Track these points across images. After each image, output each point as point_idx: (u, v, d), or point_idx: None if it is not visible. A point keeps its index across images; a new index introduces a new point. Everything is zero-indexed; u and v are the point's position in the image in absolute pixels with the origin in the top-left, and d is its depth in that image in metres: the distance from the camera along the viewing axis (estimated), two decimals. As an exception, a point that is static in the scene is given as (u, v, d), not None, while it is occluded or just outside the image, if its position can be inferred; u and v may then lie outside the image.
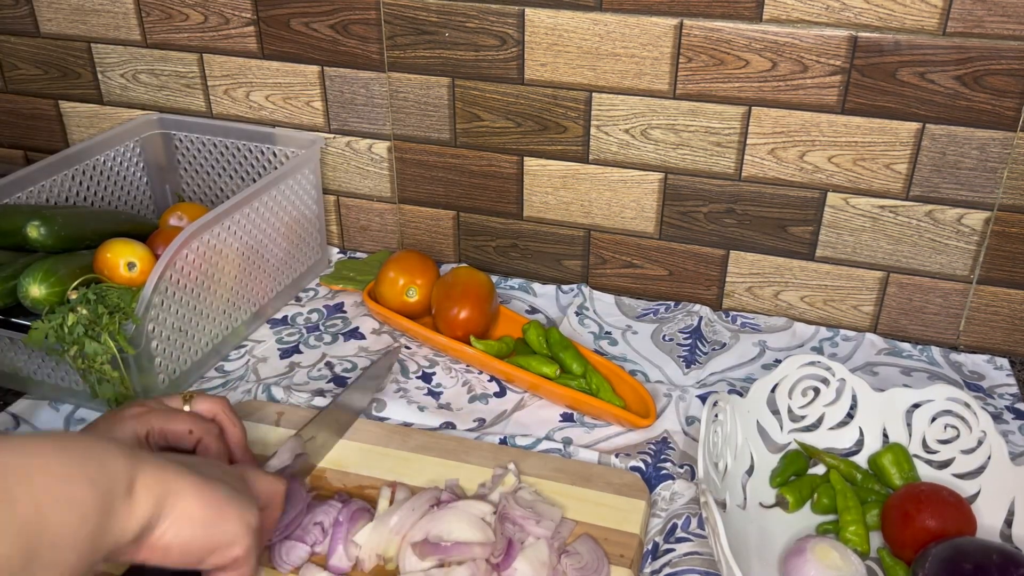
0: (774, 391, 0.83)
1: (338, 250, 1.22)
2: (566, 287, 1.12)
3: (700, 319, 1.05)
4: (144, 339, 0.85)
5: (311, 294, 1.11)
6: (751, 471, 0.80)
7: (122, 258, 0.92)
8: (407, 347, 1.00)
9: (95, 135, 1.21)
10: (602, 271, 1.12)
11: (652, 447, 0.84)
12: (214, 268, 0.94)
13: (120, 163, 1.14)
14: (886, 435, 0.82)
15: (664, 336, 1.03)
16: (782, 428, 0.83)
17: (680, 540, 0.73)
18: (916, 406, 0.80)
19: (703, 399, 0.92)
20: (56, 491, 0.47)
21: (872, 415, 0.82)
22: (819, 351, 1.00)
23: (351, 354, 0.99)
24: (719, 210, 1.03)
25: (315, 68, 1.10)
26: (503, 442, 0.85)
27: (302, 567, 0.70)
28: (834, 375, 0.82)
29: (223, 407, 0.74)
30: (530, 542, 0.70)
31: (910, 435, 0.81)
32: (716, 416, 0.75)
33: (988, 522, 0.75)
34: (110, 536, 0.49)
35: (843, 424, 0.83)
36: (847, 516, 0.74)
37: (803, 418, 0.83)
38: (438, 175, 1.13)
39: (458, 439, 0.84)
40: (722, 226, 1.04)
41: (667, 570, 0.71)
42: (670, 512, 0.76)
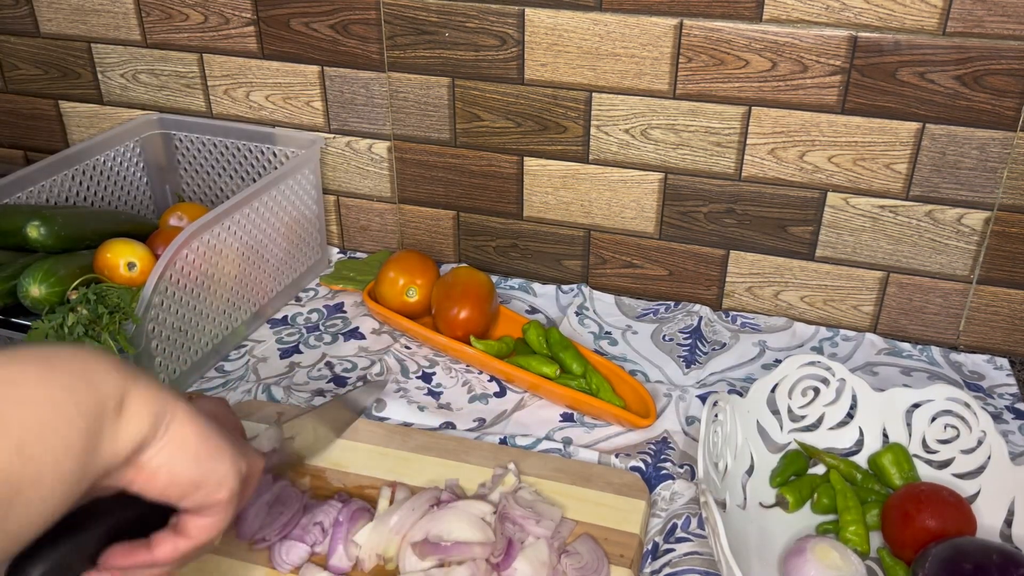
0: (774, 391, 0.83)
1: (338, 250, 1.22)
2: (566, 287, 1.12)
3: (700, 319, 1.05)
4: (144, 339, 0.85)
5: (311, 294, 1.11)
6: (751, 471, 0.80)
7: (122, 258, 0.92)
8: (407, 347, 1.00)
9: (95, 135, 1.21)
10: (602, 271, 1.12)
11: (652, 447, 0.84)
12: (214, 268, 0.94)
13: (120, 163, 1.14)
14: (886, 435, 0.82)
15: (664, 336, 1.03)
16: (782, 428, 0.83)
17: (680, 540, 0.73)
18: (916, 406, 0.80)
19: (703, 399, 0.92)
20: (40, 422, 0.43)
21: (872, 415, 0.82)
22: (819, 351, 1.00)
23: (351, 354, 0.99)
24: (719, 210, 1.03)
25: (315, 68, 1.11)
26: (503, 442, 0.85)
27: (302, 567, 0.70)
28: (834, 375, 0.82)
29: (223, 409, 0.73)
30: (530, 542, 0.70)
31: (910, 435, 0.81)
32: (716, 416, 0.75)
33: (988, 522, 0.75)
34: (99, 460, 0.46)
35: (843, 424, 0.83)
36: (847, 516, 0.74)
37: (803, 418, 0.83)
38: (438, 175, 1.13)
39: (458, 439, 0.84)
40: (722, 226, 1.04)
41: (667, 570, 0.71)
42: (670, 512, 0.76)
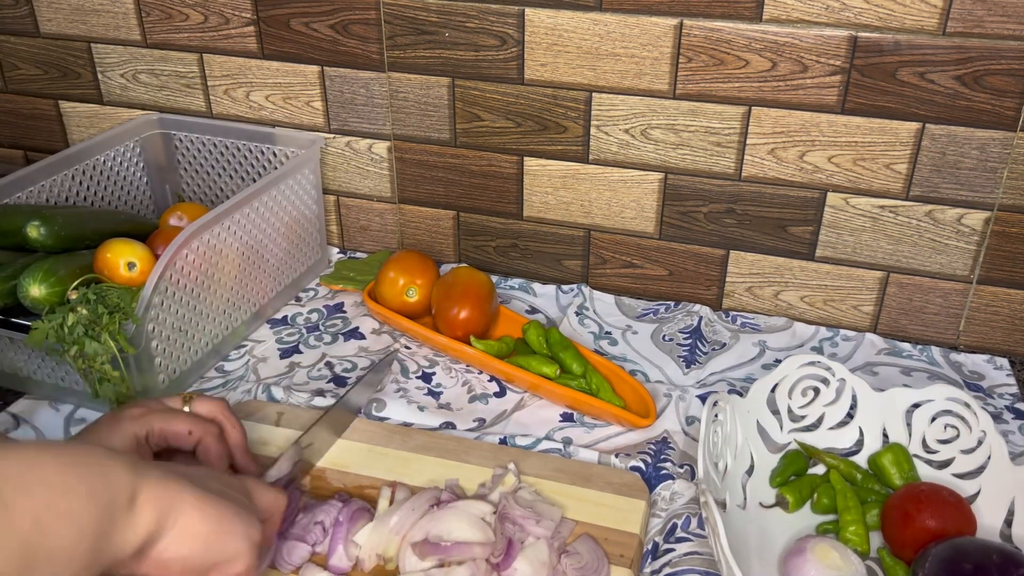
0: (774, 391, 0.83)
1: (338, 250, 1.22)
2: (566, 287, 1.12)
3: (700, 319, 1.05)
4: (144, 339, 0.85)
5: (311, 294, 1.11)
6: (751, 471, 0.80)
7: (122, 258, 0.92)
8: (407, 347, 1.00)
9: (95, 135, 1.21)
10: (602, 271, 1.12)
11: (652, 447, 0.84)
12: (214, 268, 0.94)
13: (120, 163, 1.14)
14: (886, 435, 0.82)
15: (664, 336, 1.03)
16: (782, 428, 0.83)
17: (680, 540, 0.73)
18: (916, 406, 0.80)
19: (703, 399, 0.92)
20: (55, 504, 0.46)
21: (872, 415, 0.82)
22: (819, 351, 1.00)
23: (351, 354, 0.99)
24: (719, 210, 1.03)
25: (315, 68, 1.11)
26: (503, 442, 0.85)
27: (302, 567, 0.70)
28: (834, 375, 0.82)
29: (222, 409, 0.73)
30: (530, 542, 0.70)
31: (910, 435, 0.81)
32: (716, 416, 0.75)
33: (988, 522, 0.75)
34: (109, 550, 0.49)
35: (843, 424, 0.83)
36: (847, 516, 0.74)
37: (803, 418, 0.83)
38: (438, 175, 1.13)
39: (458, 439, 0.84)
40: (722, 226, 1.04)
41: (667, 570, 0.71)
42: (670, 512, 0.76)
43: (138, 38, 1.17)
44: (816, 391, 0.83)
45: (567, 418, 0.90)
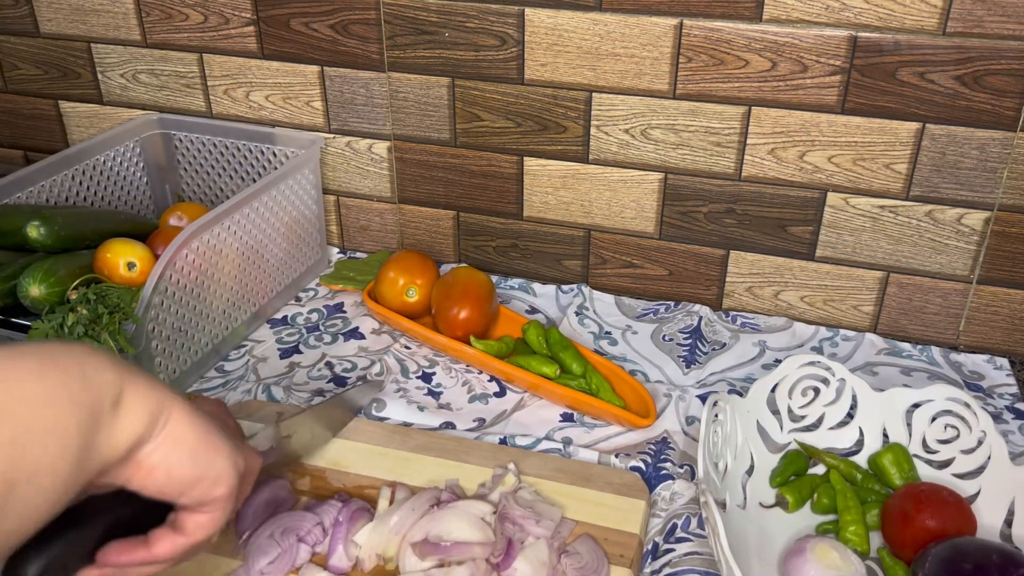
0: (774, 391, 0.83)
1: (338, 250, 1.22)
2: (566, 287, 1.12)
3: (700, 319, 1.05)
4: (144, 339, 0.85)
5: (311, 294, 1.11)
6: (751, 471, 0.80)
7: (122, 258, 0.92)
8: (407, 347, 1.00)
9: (95, 135, 1.21)
10: (602, 271, 1.12)
11: (652, 447, 0.84)
12: (214, 268, 0.94)
13: (120, 163, 1.14)
14: (886, 435, 0.82)
15: (664, 336, 1.03)
16: (782, 428, 0.83)
17: (680, 540, 0.73)
18: (916, 406, 0.80)
19: (703, 399, 0.92)
20: (35, 419, 0.43)
21: (872, 415, 0.82)
22: (819, 351, 1.00)
23: (351, 354, 0.99)
24: (719, 210, 1.03)
25: (315, 68, 1.11)
26: (503, 442, 0.85)
27: (302, 567, 0.70)
28: (834, 375, 0.82)
29: (221, 410, 0.73)
30: (530, 542, 0.70)
31: (910, 435, 0.81)
32: (716, 416, 0.75)
33: (988, 522, 0.75)
34: (95, 456, 0.46)
35: (843, 424, 0.83)
36: (847, 516, 0.74)
37: (803, 418, 0.83)
38: (438, 175, 1.13)
39: (458, 439, 0.84)
40: (722, 226, 1.04)
41: (667, 570, 0.71)
42: (670, 512, 0.76)
43: (138, 38, 1.17)
44: (816, 391, 0.83)
45: (567, 418, 0.90)
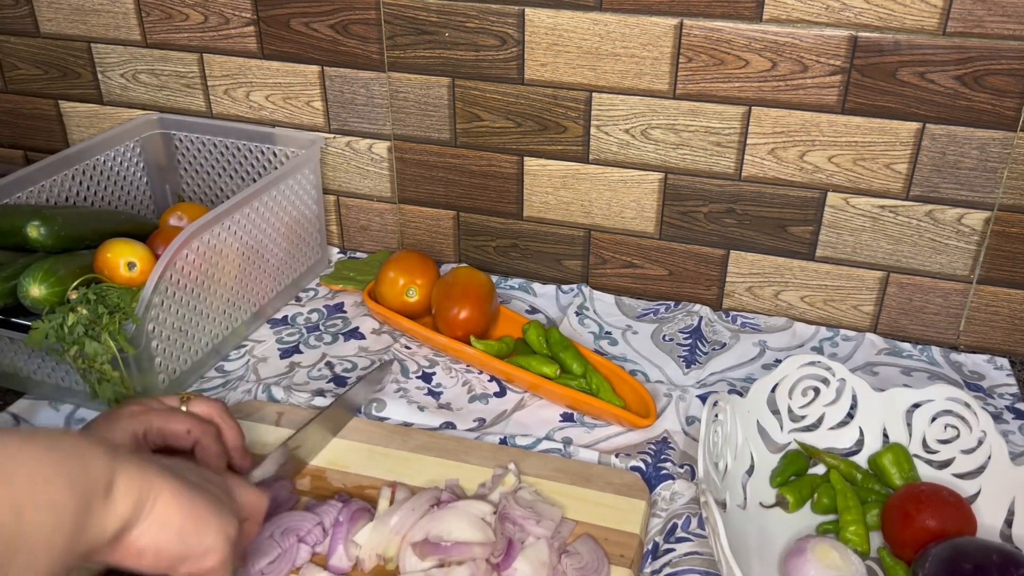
0: (774, 391, 0.83)
1: (338, 250, 1.22)
2: (566, 287, 1.12)
3: (700, 319, 1.05)
4: (144, 339, 0.85)
5: (311, 294, 1.11)
6: (751, 471, 0.80)
7: (122, 258, 0.92)
8: (407, 347, 1.00)
9: (95, 135, 1.21)
10: (602, 271, 1.12)
11: (652, 447, 0.84)
12: (214, 268, 0.94)
13: (120, 163, 1.14)
14: (886, 435, 0.82)
15: (664, 336, 1.03)
16: (782, 428, 0.83)
17: (680, 540, 0.73)
18: (916, 406, 0.80)
19: (703, 399, 0.92)
20: (36, 493, 0.46)
21: (872, 415, 0.82)
22: (819, 351, 1.00)
23: (351, 354, 0.99)
24: (719, 210, 1.03)
25: (315, 68, 1.11)
26: (503, 442, 0.85)
27: (302, 567, 0.70)
28: (834, 375, 0.82)
29: (219, 410, 0.73)
30: (530, 542, 0.70)
31: (910, 435, 0.81)
32: (716, 416, 0.75)
33: (988, 522, 0.75)
34: (87, 537, 0.49)
35: (843, 424, 0.83)
36: (847, 516, 0.74)
37: (803, 418, 0.83)
38: (438, 175, 1.13)
39: (458, 439, 0.84)
40: (722, 226, 1.04)
41: (667, 570, 0.71)
42: (670, 512, 0.76)
43: (138, 38, 1.17)
44: (816, 391, 0.83)
45: (567, 418, 0.90)
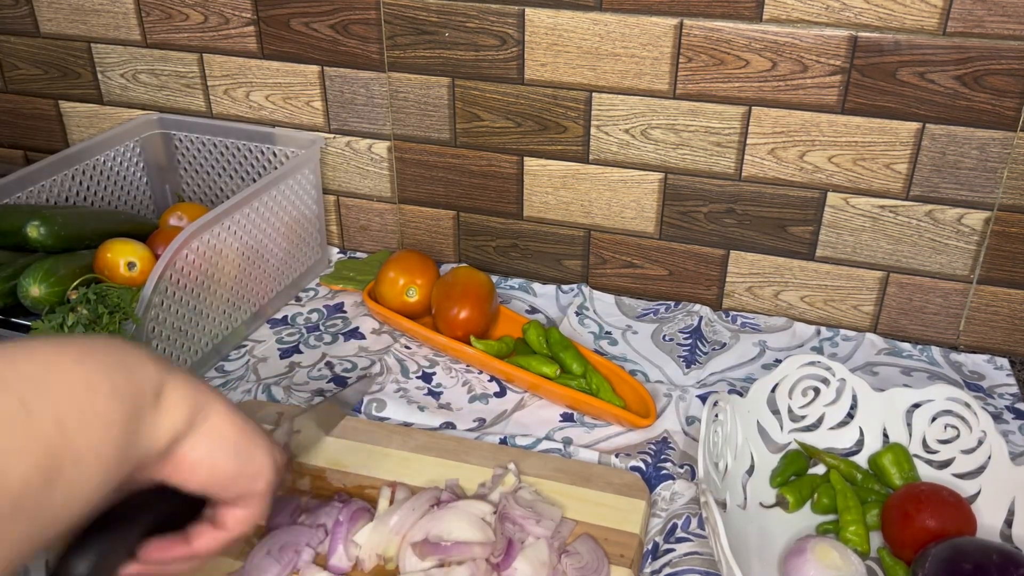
0: (774, 391, 0.83)
1: (338, 250, 1.22)
2: (566, 287, 1.12)
3: (700, 319, 1.05)
4: (144, 339, 0.85)
5: (311, 294, 1.11)
6: (751, 471, 0.80)
7: (122, 258, 0.92)
8: (407, 347, 1.00)
9: (95, 135, 1.21)
10: (602, 271, 1.12)
11: (652, 447, 0.84)
12: (214, 268, 0.94)
13: (120, 163, 1.14)
14: (886, 435, 0.82)
15: (664, 336, 1.03)
16: (782, 428, 0.83)
17: (680, 540, 0.73)
18: (916, 406, 0.80)
19: (703, 399, 0.92)
20: (78, 402, 0.43)
21: (872, 415, 0.82)
22: (819, 351, 1.00)
23: (351, 354, 0.99)
24: (719, 210, 1.03)
25: (315, 68, 1.11)
26: (503, 442, 0.85)
27: (302, 567, 0.69)
28: (834, 375, 0.82)
29: None
30: (530, 542, 0.70)
31: (910, 435, 0.81)
32: (716, 416, 0.75)
33: (988, 522, 0.75)
34: (138, 447, 0.46)
35: (843, 424, 0.83)
36: (847, 516, 0.74)
37: (803, 418, 0.83)
38: (438, 175, 1.13)
39: (458, 439, 0.84)
40: (722, 226, 1.04)
41: (667, 570, 0.71)
42: (670, 512, 0.76)
43: (138, 38, 1.17)
44: (816, 391, 0.83)
45: (567, 418, 0.90)
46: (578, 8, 0.97)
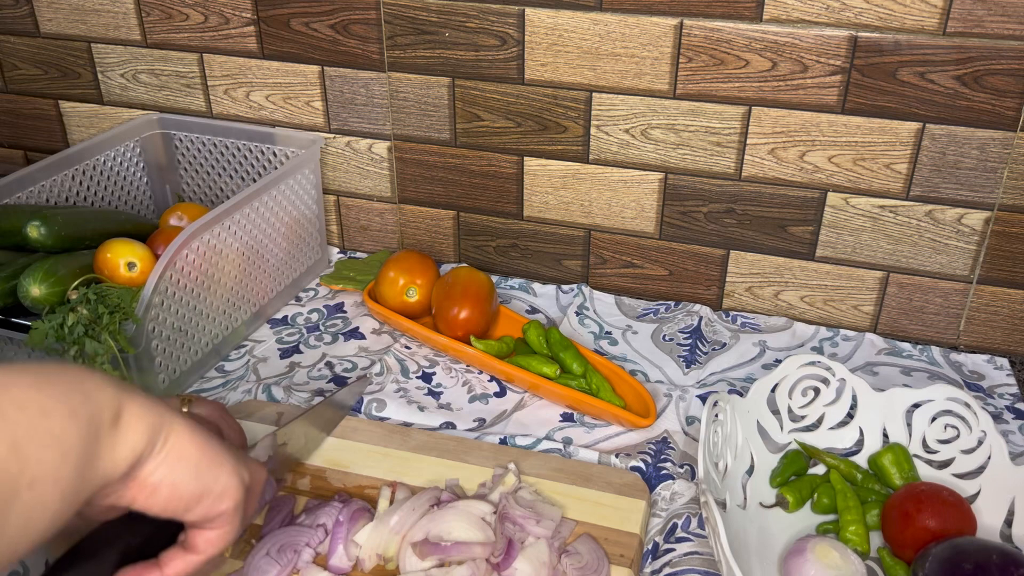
0: (774, 391, 0.83)
1: (338, 250, 1.22)
2: (566, 287, 1.12)
3: (700, 319, 1.05)
4: (144, 339, 0.85)
5: (311, 294, 1.11)
6: (751, 471, 0.80)
7: (122, 258, 0.92)
8: (407, 347, 1.00)
9: (95, 135, 1.21)
10: (602, 271, 1.12)
11: (652, 447, 0.84)
12: (214, 268, 0.94)
13: (120, 163, 1.14)
14: (886, 435, 0.82)
15: (664, 336, 1.03)
16: (782, 428, 0.83)
17: (680, 540, 0.73)
18: (916, 406, 0.80)
19: (703, 399, 0.92)
20: (34, 427, 0.43)
21: (872, 415, 0.82)
22: (819, 351, 1.00)
23: (351, 354, 0.99)
24: (719, 210, 1.03)
25: (315, 68, 1.11)
26: (503, 442, 0.85)
27: (302, 567, 0.69)
28: (834, 375, 0.82)
29: (220, 411, 0.73)
30: (530, 542, 0.70)
31: (910, 435, 0.81)
32: (716, 416, 0.75)
33: (988, 522, 0.75)
34: (97, 470, 0.46)
35: (843, 424, 0.83)
36: (847, 516, 0.74)
37: (803, 418, 0.83)
38: (438, 175, 1.13)
39: (458, 439, 0.84)
40: (722, 226, 1.04)
41: (667, 570, 0.71)
42: (670, 512, 0.76)
43: (138, 38, 1.17)
44: (816, 391, 0.83)
45: (567, 418, 0.90)
46: (578, 8, 0.97)
